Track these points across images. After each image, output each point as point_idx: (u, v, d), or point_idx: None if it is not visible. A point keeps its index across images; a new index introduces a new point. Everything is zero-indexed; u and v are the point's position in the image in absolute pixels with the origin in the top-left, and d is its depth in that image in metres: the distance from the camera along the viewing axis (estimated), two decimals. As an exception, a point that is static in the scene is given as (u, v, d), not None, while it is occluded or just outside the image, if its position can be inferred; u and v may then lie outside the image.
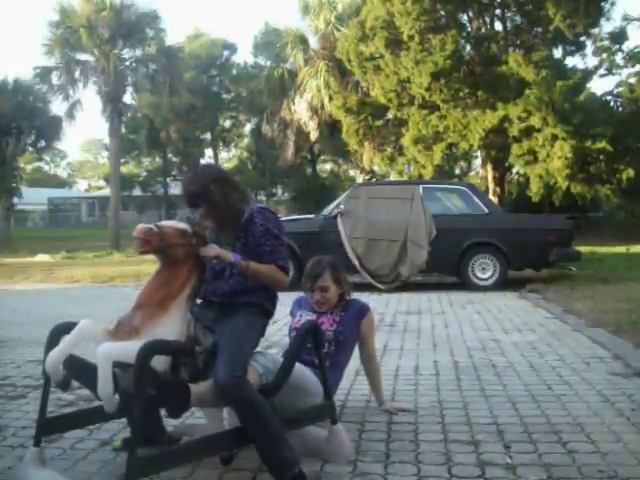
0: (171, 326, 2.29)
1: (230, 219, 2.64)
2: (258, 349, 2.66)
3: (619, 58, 18.90)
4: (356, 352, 3.25)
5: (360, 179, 26.45)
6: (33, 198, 42.54)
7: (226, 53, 37.02)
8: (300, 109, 24.78)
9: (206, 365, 2.46)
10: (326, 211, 9.68)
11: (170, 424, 3.01)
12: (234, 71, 36.61)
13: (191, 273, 2.40)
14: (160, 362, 2.28)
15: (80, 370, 2.34)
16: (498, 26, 18.51)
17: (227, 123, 40.16)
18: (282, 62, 27.33)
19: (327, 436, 2.67)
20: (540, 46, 16.86)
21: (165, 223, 2.43)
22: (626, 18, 18.84)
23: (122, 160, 34.71)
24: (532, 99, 15.16)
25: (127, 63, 26.31)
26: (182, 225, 2.44)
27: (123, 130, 30.76)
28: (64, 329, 2.44)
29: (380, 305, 7.34)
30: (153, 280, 2.37)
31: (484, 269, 8.96)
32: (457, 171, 30.26)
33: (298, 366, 2.66)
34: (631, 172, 16.38)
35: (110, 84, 24.38)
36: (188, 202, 2.63)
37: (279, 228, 2.69)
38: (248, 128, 38.68)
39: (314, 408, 2.76)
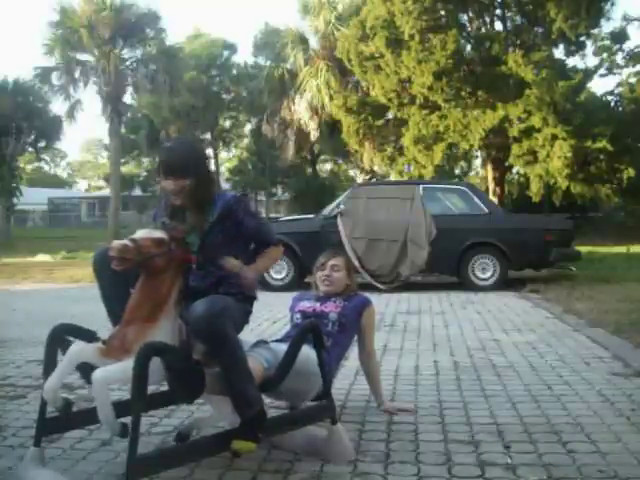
0: (163, 335, 2.25)
1: (205, 199, 2.59)
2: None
3: (619, 58, 18.91)
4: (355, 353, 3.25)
5: (360, 179, 26.49)
6: (33, 198, 42.50)
7: (226, 53, 36.99)
8: (300, 109, 24.80)
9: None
10: (326, 211, 9.67)
11: (172, 424, 3.02)
12: (234, 71, 36.57)
13: (175, 278, 2.34)
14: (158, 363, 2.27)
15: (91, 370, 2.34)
16: (498, 26, 18.57)
17: (227, 123, 40.14)
18: (282, 62, 27.33)
19: (327, 436, 2.67)
20: (541, 46, 16.87)
21: (140, 235, 2.32)
22: (626, 18, 18.84)
23: (122, 160, 34.74)
24: (532, 99, 15.16)
25: (127, 63, 26.38)
26: (157, 234, 2.35)
27: (123, 130, 30.81)
28: (64, 329, 2.45)
29: (380, 305, 7.32)
30: (138, 292, 2.31)
31: (484, 269, 8.96)
32: (457, 171, 30.31)
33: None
34: (631, 172, 16.39)
35: (110, 84, 24.45)
36: (178, 168, 2.50)
37: (255, 208, 2.69)
38: (248, 128, 38.67)
39: (314, 408, 2.76)
